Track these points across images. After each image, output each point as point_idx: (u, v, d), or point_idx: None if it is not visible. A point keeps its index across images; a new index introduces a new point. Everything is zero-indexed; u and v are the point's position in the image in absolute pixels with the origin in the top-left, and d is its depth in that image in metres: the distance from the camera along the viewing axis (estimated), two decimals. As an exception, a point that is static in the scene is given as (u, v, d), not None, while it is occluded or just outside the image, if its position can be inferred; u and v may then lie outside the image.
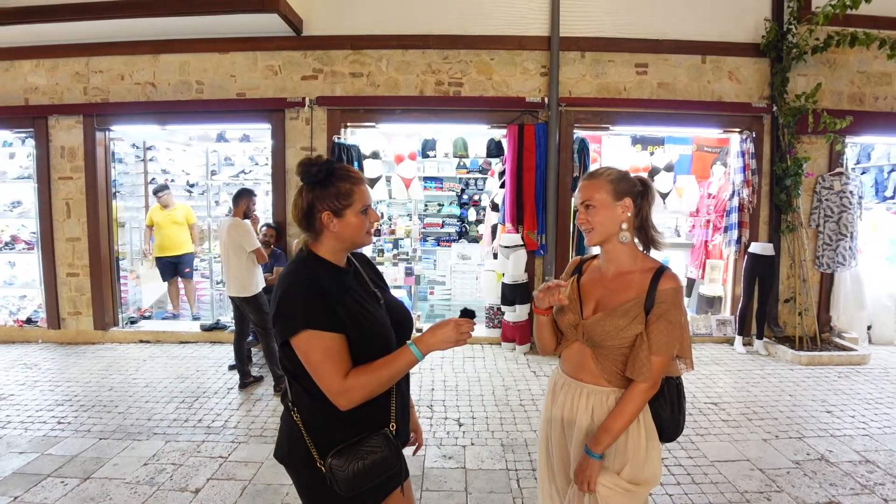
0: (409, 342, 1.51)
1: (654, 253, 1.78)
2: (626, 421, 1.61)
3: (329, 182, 1.52)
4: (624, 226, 1.67)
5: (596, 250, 1.83)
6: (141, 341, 6.19)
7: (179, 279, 6.97)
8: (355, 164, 5.90)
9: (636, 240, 1.75)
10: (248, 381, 4.78)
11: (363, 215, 1.56)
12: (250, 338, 5.19)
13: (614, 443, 1.64)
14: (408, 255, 6.86)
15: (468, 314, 1.55)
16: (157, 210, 6.74)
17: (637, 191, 1.70)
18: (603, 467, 1.64)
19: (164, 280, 6.97)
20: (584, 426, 1.69)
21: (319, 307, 1.44)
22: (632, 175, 1.74)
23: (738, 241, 6.02)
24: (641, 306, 1.62)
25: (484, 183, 8.03)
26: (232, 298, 4.74)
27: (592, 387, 1.71)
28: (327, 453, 1.47)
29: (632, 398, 1.62)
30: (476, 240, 7.78)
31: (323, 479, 1.48)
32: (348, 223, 1.54)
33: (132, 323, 6.50)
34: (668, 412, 1.71)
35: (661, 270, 1.66)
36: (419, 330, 1.74)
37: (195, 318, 6.77)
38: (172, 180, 7.43)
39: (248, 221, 4.76)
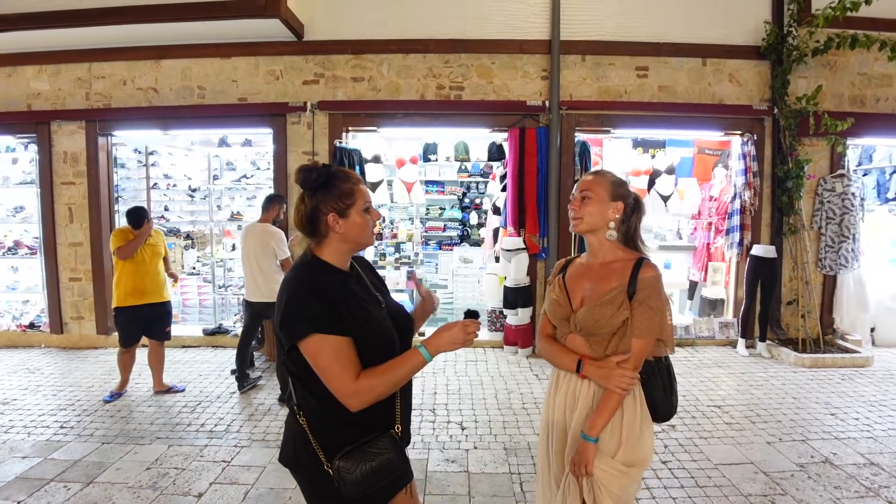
0: (418, 345, 1.53)
1: (658, 255, 1.85)
2: (615, 401, 1.72)
3: (331, 184, 1.55)
4: (612, 224, 1.83)
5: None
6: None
7: (145, 339, 4.77)
8: (357, 168, 5.92)
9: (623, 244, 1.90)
10: (247, 386, 4.77)
11: (366, 214, 1.59)
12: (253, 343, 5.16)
13: (609, 424, 1.74)
14: (409, 258, 6.86)
15: (472, 315, 1.59)
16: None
17: (630, 201, 1.86)
18: (598, 450, 1.74)
19: (127, 345, 4.67)
20: (587, 408, 1.80)
21: (325, 311, 1.46)
22: (630, 187, 1.91)
23: (740, 243, 6.01)
24: (625, 294, 1.74)
25: (485, 186, 8.04)
26: (252, 304, 4.69)
27: None
28: (334, 456, 1.48)
29: None
30: (478, 243, 7.78)
31: (330, 481, 1.49)
32: (353, 223, 1.56)
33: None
34: (661, 392, 1.85)
35: (640, 261, 1.79)
36: (422, 334, 1.74)
37: (170, 390, 4.77)
38: (174, 185, 7.43)
39: (279, 230, 4.72)
